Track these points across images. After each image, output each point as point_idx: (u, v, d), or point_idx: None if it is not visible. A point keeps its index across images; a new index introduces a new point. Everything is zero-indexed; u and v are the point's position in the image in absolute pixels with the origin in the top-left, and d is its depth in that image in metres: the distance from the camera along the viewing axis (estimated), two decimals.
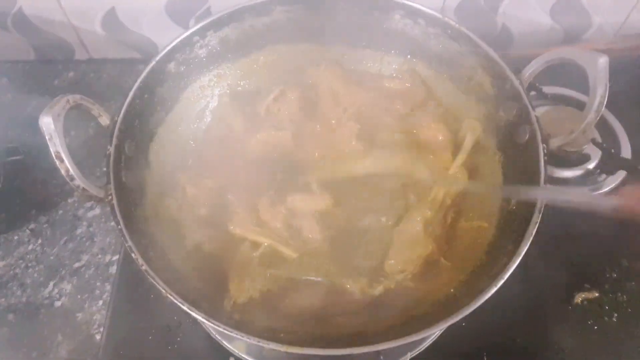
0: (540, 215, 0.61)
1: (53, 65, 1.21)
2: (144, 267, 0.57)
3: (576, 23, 1.11)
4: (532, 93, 0.95)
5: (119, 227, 0.60)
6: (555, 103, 0.96)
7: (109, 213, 0.63)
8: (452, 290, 0.65)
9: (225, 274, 0.70)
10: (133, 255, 0.58)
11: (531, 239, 0.60)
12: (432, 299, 0.65)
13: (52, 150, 0.57)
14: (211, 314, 0.56)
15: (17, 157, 1.04)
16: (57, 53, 1.20)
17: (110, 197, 0.62)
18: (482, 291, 0.58)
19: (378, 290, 0.69)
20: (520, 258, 0.59)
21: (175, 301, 0.56)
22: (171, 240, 0.71)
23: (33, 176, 1.04)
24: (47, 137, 0.57)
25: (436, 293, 0.66)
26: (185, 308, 0.56)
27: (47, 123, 0.57)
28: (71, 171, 0.58)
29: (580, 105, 0.94)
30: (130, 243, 0.59)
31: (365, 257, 0.73)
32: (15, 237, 0.97)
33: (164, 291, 0.56)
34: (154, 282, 0.57)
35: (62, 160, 0.57)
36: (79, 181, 0.59)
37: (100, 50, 1.19)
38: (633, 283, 0.82)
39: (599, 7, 1.07)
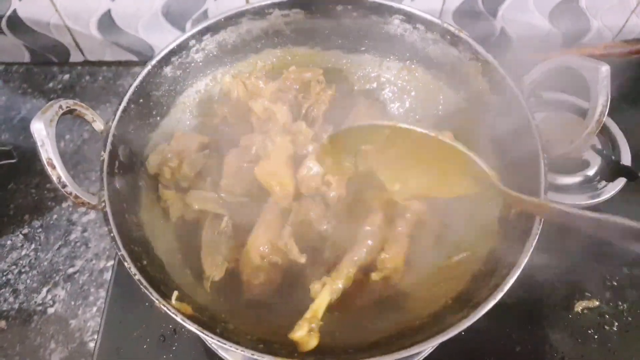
0: (541, 227, 0.60)
1: (48, 68, 1.20)
2: (137, 277, 0.56)
3: (575, 27, 1.11)
4: (532, 99, 0.94)
5: (112, 234, 0.59)
6: (555, 109, 0.96)
7: (103, 218, 0.62)
8: (449, 301, 0.64)
9: None
10: (126, 264, 0.57)
11: (531, 251, 0.59)
12: (428, 310, 0.64)
13: (43, 157, 0.56)
14: (206, 326, 0.55)
15: (11, 161, 1.03)
16: (52, 55, 1.19)
17: (103, 204, 0.61)
18: (480, 303, 0.57)
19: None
20: (520, 270, 0.58)
21: (169, 312, 0.55)
22: (165, 246, 0.69)
23: (27, 180, 1.03)
24: (38, 144, 0.56)
25: (433, 304, 0.65)
26: (178, 319, 0.54)
27: (39, 129, 0.56)
28: (63, 178, 0.57)
29: (580, 111, 0.94)
30: (123, 251, 0.58)
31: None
32: (9, 242, 0.95)
33: (157, 302, 0.55)
34: (147, 293, 0.55)
35: (53, 167, 0.56)
36: (71, 188, 0.58)
37: (96, 52, 1.18)
38: (634, 291, 0.82)
39: (597, 11, 1.07)
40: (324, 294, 0.61)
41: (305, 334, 0.57)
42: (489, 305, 0.57)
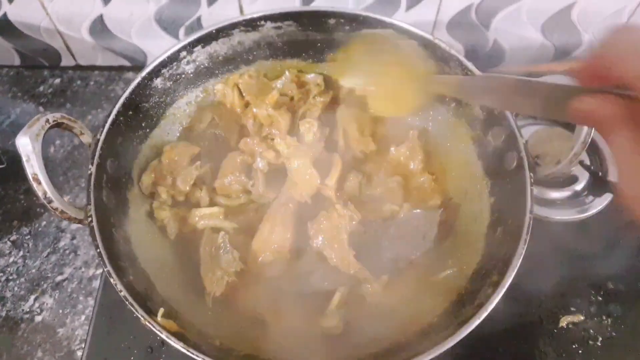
0: (526, 247, 0.61)
1: (39, 72, 1.19)
2: (122, 294, 0.56)
3: (567, 40, 1.11)
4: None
5: (98, 250, 0.59)
6: (544, 123, 0.96)
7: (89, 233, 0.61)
8: (435, 318, 0.64)
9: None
10: (112, 280, 0.57)
11: (516, 270, 0.59)
12: (414, 327, 0.64)
13: (28, 172, 0.56)
14: (191, 344, 0.55)
15: (0, 166, 1.02)
16: (43, 59, 1.18)
17: (90, 219, 0.60)
18: (466, 322, 0.57)
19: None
20: (504, 290, 0.59)
21: (154, 329, 0.55)
22: (153, 260, 0.69)
23: (15, 186, 1.02)
24: (24, 159, 0.56)
25: (419, 321, 0.65)
26: (163, 336, 0.54)
27: (24, 144, 0.56)
28: (49, 193, 0.57)
29: (569, 125, 0.94)
30: (109, 267, 0.57)
31: None
32: None
33: (142, 319, 0.55)
34: (133, 309, 0.55)
35: (39, 183, 0.56)
36: (57, 203, 0.58)
37: (88, 57, 1.18)
38: (618, 306, 0.82)
39: (589, 25, 1.07)
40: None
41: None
42: (474, 324, 0.58)
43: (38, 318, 0.88)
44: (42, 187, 0.56)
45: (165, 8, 1.03)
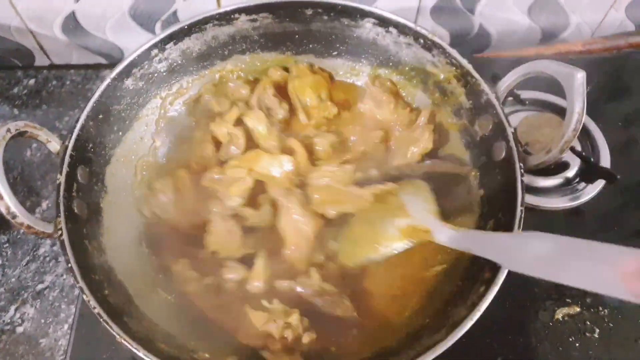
0: None
1: (12, 72, 1.15)
2: (96, 310, 0.53)
3: (554, 22, 1.09)
4: (509, 99, 0.92)
5: (69, 265, 0.56)
6: (534, 108, 0.93)
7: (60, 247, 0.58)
8: (427, 319, 0.62)
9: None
10: (85, 297, 0.54)
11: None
12: (407, 329, 0.62)
13: None
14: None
15: None
16: (15, 59, 1.14)
17: (60, 233, 0.57)
18: (459, 323, 0.55)
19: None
20: (497, 288, 0.56)
21: (131, 348, 0.52)
22: (131, 270, 0.67)
23: None
24: None
25: (411, 322, 0.63)
26: (141, 354, 0.52)
27: None
28: (12, 208, 0.53)
29: (559, 110, 0.92)
30: (81, 284, 0.55)
31: None
32: None
33: (117, 336, 0.52)
34: (107, 327, 0.53)
35: (1, 198, 0.52)
36: (22, 218, 0.54)
37: (62, 56, 1.14)
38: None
39: (576, 6, 1.05)
40: None
41: None
42: (467, 326, 0.56)
43: (19, 329, 0.85)
44: (5, 202, 0.53)
45: (140, 2, 1.00)
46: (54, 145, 0.63)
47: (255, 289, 0.67)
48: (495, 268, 0.59)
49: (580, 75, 0.60)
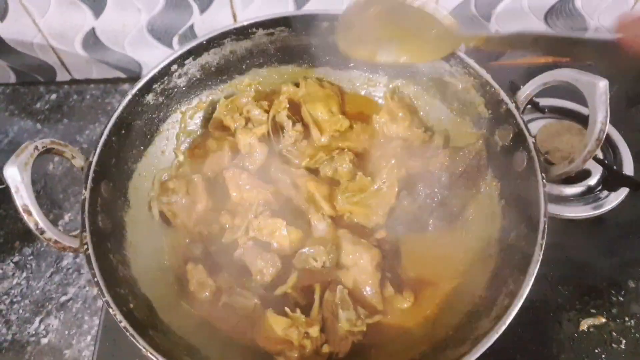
0: (542, 252, 0.58)
1: (34, 88, 1.18)
2: (122, 324, 0.54)
3: (571, 27, 1.07)
4: (529, 106, 0.91)
5: (95, 279, 0.57)
6: (553, 116, 0.92)
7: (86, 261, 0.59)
8: (450, 332, 0.61)
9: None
10: (111, 310, 0.55)
11: (533, 278, 0.56)
12: (430, 341, 0.62)
13: (18, 203, 0.54)
14: None
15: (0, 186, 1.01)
16: (38, 75, 1.17)
17: (85, 247, 0.58)
18: (483, 336, 0.55)
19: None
20: (522, 300, 0.56)
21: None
22: (154, 284, 0.67)
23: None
24: (12, 190, 0.54)
25: (434, 334, 0.63)
26: None
27: (13, 175, 0.53)
28: (41, 224, 0.54)
29: (579, 117, 0.91)
30: (107, 297, 0.55)
31: None
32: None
33: (144, 350, 0.53)
34: (134, 340, 0.53)
35: (30, 214, 0.54)
36: (49, 233, 0.55)
37: (83, 71, 1.16)
38: None
39: (594, 11, 1.03)
40: None
41: None
42: (492, 339, 0.55)
43: (44, 340, 0.86)
44: (34, 217, 0.54)
45: (157, 18, 1.01)
46: (79, 161, 0.64)
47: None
48: (519, 280, 0.58)
49: (603, 84, 0.59)
